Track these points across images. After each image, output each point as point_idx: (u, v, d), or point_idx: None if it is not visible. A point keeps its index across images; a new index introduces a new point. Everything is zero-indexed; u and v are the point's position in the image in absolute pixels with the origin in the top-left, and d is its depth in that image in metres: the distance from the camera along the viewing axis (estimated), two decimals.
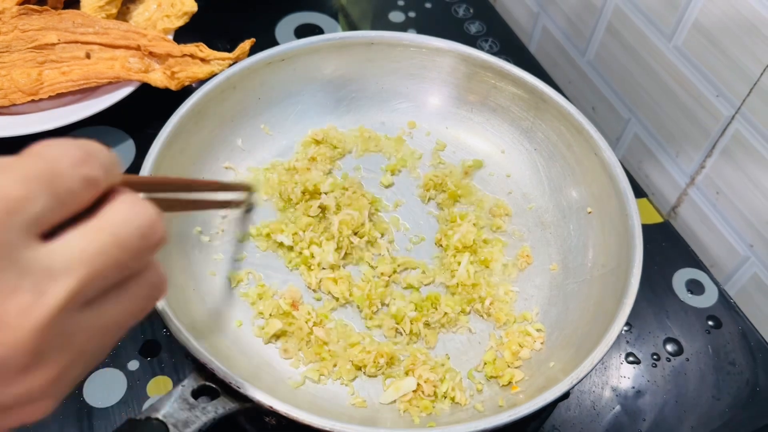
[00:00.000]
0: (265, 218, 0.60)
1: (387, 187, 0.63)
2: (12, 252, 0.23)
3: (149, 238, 0.27)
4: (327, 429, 0.42)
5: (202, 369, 0.43)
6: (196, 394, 0.42)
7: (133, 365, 0.55)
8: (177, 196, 0.43)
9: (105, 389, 0.54)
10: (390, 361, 0.51)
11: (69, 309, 0.25)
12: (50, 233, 0.25)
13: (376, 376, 0.52)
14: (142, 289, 0.28)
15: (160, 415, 0.40)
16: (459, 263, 0.56)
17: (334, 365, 0.51)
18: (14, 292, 0.23)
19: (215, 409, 0.41)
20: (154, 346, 0.56)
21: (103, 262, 0.25)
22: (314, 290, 0.55)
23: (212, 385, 0.43)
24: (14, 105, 0.66)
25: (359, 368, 0.51)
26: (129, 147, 0.69)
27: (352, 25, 0.84)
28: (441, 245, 0.59)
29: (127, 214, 0.27)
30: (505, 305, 0.56)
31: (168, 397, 0.41)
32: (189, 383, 0.42)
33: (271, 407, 0.42)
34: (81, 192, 0.26)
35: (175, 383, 0.54)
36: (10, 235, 0.23)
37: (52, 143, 0.27)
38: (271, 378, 0.50)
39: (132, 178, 0.31)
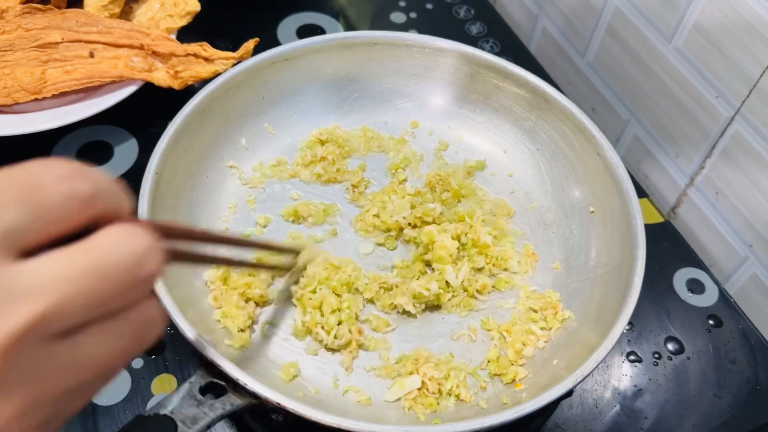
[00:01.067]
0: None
1: (401, 183, 0.63)
2: None
3: (137, 271, 0.24)
4: (334, 425, 0.42)
5: (209, 366, 0.43)
6: (204, 390, 0.42)
7: (137, 363, 0.55)
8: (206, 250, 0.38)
9: (110, 388, 0.54)
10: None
11: (36, 336, 0.22)
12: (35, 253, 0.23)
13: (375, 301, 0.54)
14: (130, 326, 0.26)
15: (168, 412, 0.40)
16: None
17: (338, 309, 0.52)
18: None
19: (223, 405, 0.41)
20: (159, 344, 0.56)
21: (78, 289, 0.23)
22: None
23: (220, 381, 0.43)
24: (17, 104, 0.66)
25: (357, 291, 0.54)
26: (132, 146, 0.69)
27: (353, 26, 0.85)
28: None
29: (116, 242, 0.24)
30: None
31: (176, 394, 0.41)
32: (196, 380, 0.42)
33: (279, 404, 0.42)
34: (62, 208, 0.24)
35: (180, 381, 0.54)
36: None
37: (45, 160, 0.25)
38: (277, 375, 0.51)
39: (154, 222, 0.28)
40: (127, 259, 0.24)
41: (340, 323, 0.52)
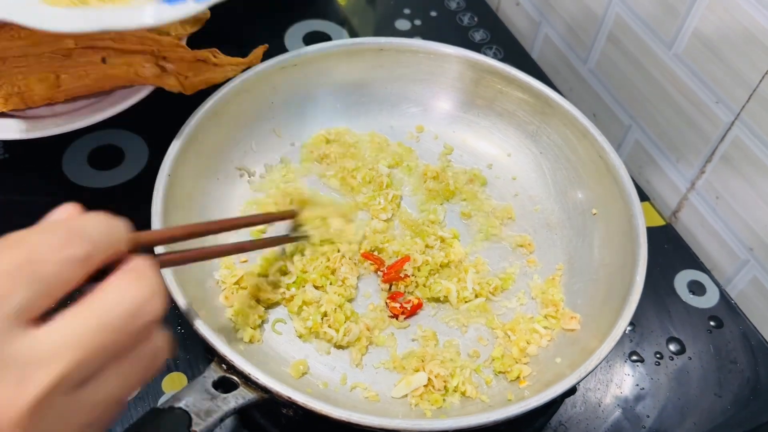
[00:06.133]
0: None
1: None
2: None
3: (141, 318, 0.27)
4: (343, 419, 0.43)
5: (221, 361, 0.44)
6: (216, 385, 0.43)
7: None
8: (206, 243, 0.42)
9: None
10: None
11: (58, 392, 0.25)
12: (48, 314, 0.26)
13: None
14: (140, 361, 0.29)
15: (182, 405, 0.41)
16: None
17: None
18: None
19: (235, 399, 0.42)
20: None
21: (91, 346, 0.26)
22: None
23: (232, 376, 0.44)
24: (30, 108, 0.67)
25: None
26: (142, 150, 0.70)
27: (358, 34, 0.86)
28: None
29: (117, 295, 0.27)
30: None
31: (190, 388, 0.42)
32: (209, 375, 0.43)
33: (290, 398, 0.43)
34: (62, 275, 0.26)
35: (190, 379, 0.55)
36: None
37: (35, 229, 0.27)
38: (286, 372, 0.52)
39: (146, 237, 0.31)
40: (130, 310, 0.27)
41: (347, 320, 0.53)
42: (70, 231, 0.27)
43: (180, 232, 0.41)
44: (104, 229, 0.28)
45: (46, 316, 0.26)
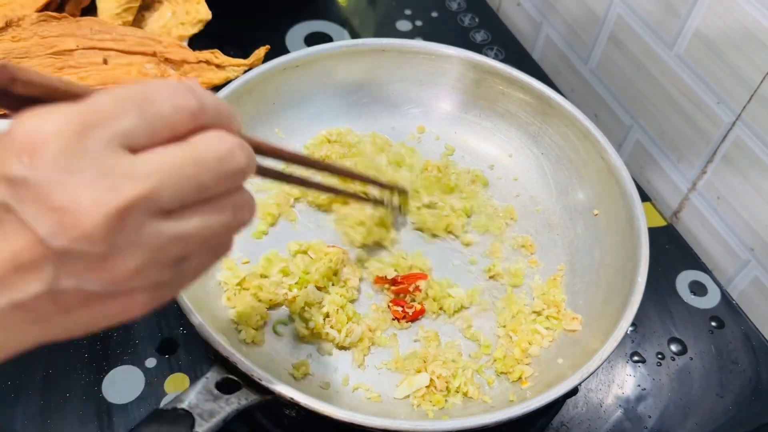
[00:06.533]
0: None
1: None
2: (96, 157, 0.26)
3: (228, 162, 0.29)
4: (346, 420, 0.43)
5: (224, 362, 0.44)
6: (219, 386, 0.43)
7: (151, 363, 0.56)
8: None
9: (123, 386, 0.55)
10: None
11: (143, 209, 0.27)
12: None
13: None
14: (227, 207, 0.30)
15: (185, 406, 0.41)
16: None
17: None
18: (91, 187, 0.26)
19: (238, 400, 0.43)
20: (172, 344, 0.57)
21: (179, 173, 0.28)
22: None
23: (234, 378, 0.44)
24: None
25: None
26: None
27: (359, 34, 0.86)
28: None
29: (210, 139, 0.29)
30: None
31: (192, 389, 0.42)
32: (212, 376, 0.44)
33: (292, 399, 0.43)
34: (171, 117, 0.28)
35: (193, 380, 0.55)
36: (97, 144, 0.26)
37: (163, 80, 0.30)
38: (289, 373, 0.52)
39: (249, 137, 0.33)
40: (219, 152, 0.29)
41: (349, 320, 0.53)
42: (189, 87, 0.29)
43: (284, 153, 0.43)
44: (222, 104, 0.31)
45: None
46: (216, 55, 0.70)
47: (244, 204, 0.32)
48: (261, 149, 0.37)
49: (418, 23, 0.87)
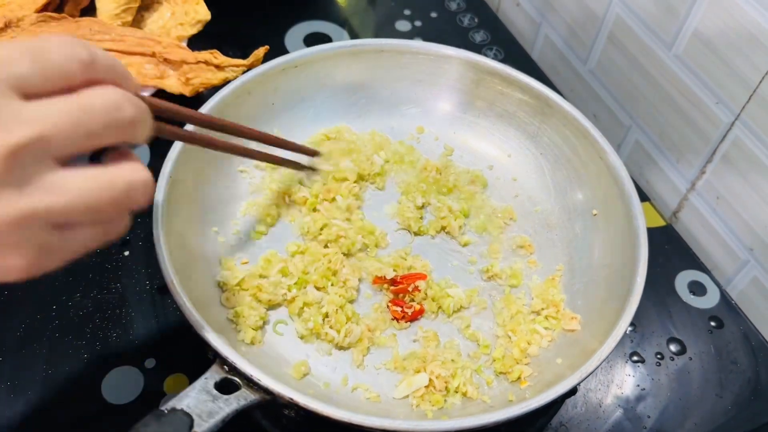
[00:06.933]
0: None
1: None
2: None
3: (116, 113, 0.31)
4: (345, 420, 0.43)
5: (223, 363, 0.44)
6: (218, 386, 0.43)
7: (150, 363, 0.56)
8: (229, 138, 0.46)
9: (122, 387, 0.55)
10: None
11: (34, 152, 0.28)
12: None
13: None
14: (117, 180, 0.32)
15: (184, 406, 0.41)
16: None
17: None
18: None
19: (237, 400, 0.43)
20: (171, 344, 0.57)
21: (68, 120, 0.30)
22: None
23: (233, 378, 0.44)
24: None
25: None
26: (144, 151, 0.70)
27: (359, 35, 0.86)
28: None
29: (99, 91, 0.31)
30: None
31: (191, 390, 0.42)
32: (211, 376, 0.44)
33: (291, 399, 0.43)
34: (64, 66, 0.30)
35: (192, 380, 0.55)
36: None
37: (59, 35, 0.32)
38: (288, 373, 0.52)
39: (158, 102, 0.36)
40: (106, 102, 0.31)
41: (348, 321, 0.53)
42: (83, 42, 0.31)
43: (194, 115, 0.45)
44: (112, 60, 0.33)
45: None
46: (215, 56, 0.70)
47: (139, 184, 0.33)
48: (163, 110, 0.38)
49: (418, 23, 0.88)
